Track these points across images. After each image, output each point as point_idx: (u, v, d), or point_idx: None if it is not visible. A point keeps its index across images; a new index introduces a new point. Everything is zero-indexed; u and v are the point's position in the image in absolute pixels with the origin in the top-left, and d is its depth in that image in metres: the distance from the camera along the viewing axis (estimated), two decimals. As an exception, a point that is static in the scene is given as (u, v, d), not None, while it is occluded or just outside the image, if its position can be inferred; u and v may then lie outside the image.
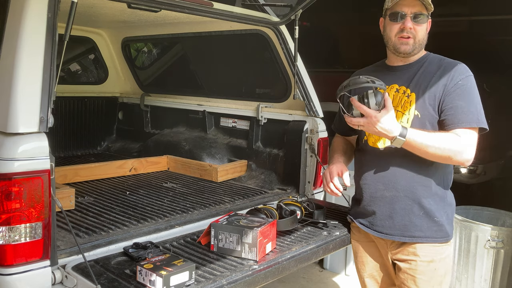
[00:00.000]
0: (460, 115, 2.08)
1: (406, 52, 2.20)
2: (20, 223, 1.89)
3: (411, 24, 2.14)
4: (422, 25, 2.16)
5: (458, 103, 2.09)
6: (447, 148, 2.06)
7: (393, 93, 2.24)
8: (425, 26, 2.18)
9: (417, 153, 2.09)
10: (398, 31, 2.17)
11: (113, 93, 5.15)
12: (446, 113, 2.11)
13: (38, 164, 1.91)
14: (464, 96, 2.10)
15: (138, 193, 3.34)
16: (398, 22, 2.16)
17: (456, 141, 2.06)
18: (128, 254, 2.16)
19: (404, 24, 2.15)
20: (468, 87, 2.12)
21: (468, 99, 2.10)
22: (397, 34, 2.18)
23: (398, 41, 2.18)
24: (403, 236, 2.24)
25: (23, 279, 1.91)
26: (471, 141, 2.09)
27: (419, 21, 2.15)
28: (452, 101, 2.10)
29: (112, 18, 3.86)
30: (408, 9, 2.14)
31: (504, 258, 3.53)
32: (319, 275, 4.37)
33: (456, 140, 2.07)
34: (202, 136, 4.24)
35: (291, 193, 3.38)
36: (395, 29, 2.18)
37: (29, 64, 1.92)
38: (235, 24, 3.47)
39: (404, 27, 2.15)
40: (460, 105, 2.09)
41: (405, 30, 2.15)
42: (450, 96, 2.10)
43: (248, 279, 2.02)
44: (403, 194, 2.21)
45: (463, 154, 2.08)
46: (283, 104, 3.66)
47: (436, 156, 2.09)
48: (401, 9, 2.15)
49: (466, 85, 2.11)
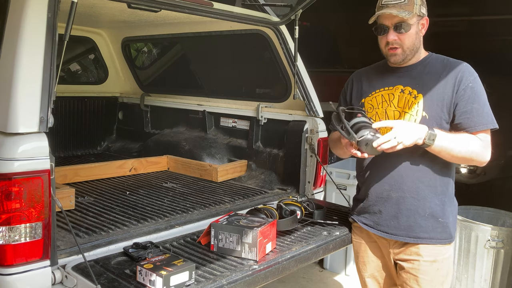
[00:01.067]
0: (476, 118, 2.11)
1: (396, 62, 2.22)
2: (20, 223, 1.89)
3: (394, 35, 2.15)
4: (407, 33, 2.14)
5: (473, 106, 2.11)
6: (471, 150, 2.10)
7: (398, 94, 2.24)
8: (412, 31, 2.15)
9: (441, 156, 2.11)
10: (385, 43, 2.19)
11: (113, 93, 5.15)
12: (461, 117, 2.13)
13: (38, 164, 1.91)
14: (477, 99, 2.12)
15: (138, 193, 3.34)
16: (383, 35, 2.18)
17: (478, 144, 2.11)
18: (128, 254, 2.16)
19: (387, 37, 2.16)
20: (478, 88, 2.14)
21: (481, 101, 2.13)
22: (386, 46, 2.20)
23: (388, 53, 2.21)
24: (408, 237, 2.25)
25: (23, 279, 1.91)
26: (489, 142, 2.15)
27: (402, 30, 2.14)
28: (466, 104, 2.12)
29: (112, 18, 3.86)
30: (388, 21, 2.14)
31: (504, 258, 3.53)
32: (319, 275, 4.37)
33: (478, 142, 2.11)
34: (202, 136, 4.24)
35: (291, 193, 3.39)
36: (383, 42, 2.20)
37: (29, 64, 1.92)
38: (235, 24, 3.47)
39: (388, 40, 2.16)
40: (475, 108, 2.11)
41: (389, 43, 2.16)
42: (463, 100, 2.12)
43: (248, 279, 2.02)
44: (409, 195, 2.22)
45: (484, 155, 2.14)
46: (283, 104, 3.66)
47: (459, 159, 2.14)
48: (382, 22, 2.17)
49: (476, 87, 2.13)
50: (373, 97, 2.31)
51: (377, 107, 2.28)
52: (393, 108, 2.24)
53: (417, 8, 2.14)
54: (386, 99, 2.26)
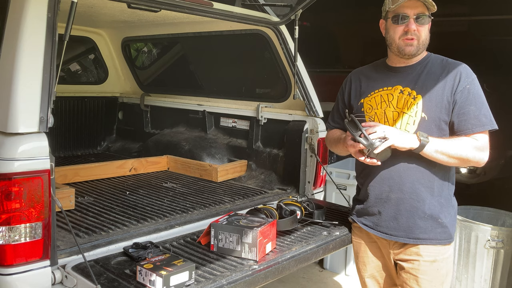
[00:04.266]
0: (473, 120, 2.11)
1: (411, 54, 2.20)
2: (20, 223, 1.89)
3: (415, 25, 2.14)
4: (425, 26, 2.17)
5: (470, 108, 2.12)
6: (466, 154, 2.11)
7: (397, 94, 2.24)
8: (428, 26, 2.18)
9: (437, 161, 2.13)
10: (402, 33, 2.17)
11: (113, 93, 5.15)
12: (459, 118, 2.14)
13: (38, 164, 1.91)
14: (474, 100, 2.13)
15: (138, 193, 3.34)
16: (401, 24, 2.16)
17: (473, 145, 2.11)
18: (128, 254, 2.16)
19: (408, 27, 2.14)
20: (475, 90, 2.14)
21: (478, 103, 2.13)
22: (401, 36, 2.17)
23: (403, 43, 2.18)
24: (408, 238, 2.25)
25: (23, 279, 1.91)
26: (487, 143, 2.15)
27: (422, 22, 2.15)
28: (463, 106, 2.13)
29: (112, 18, 3.86)
30: (410, 10, 2.14)
31: (504, 258, 3.52)
32: (319, 275, 4.37)
33: (473, 144, 2.11)
34: (202, 136, 4.24)
35: (291, 193, 3.39)
36: (399, 31, 2.18)
37: (29, 64, 1.92)
38: (235, 24, 3.47)
39: (408, 30, 2.14)
40: (471, 110, 2.12)
41: (409, 32, 2.15)
42: (460, 101, 2.13)
43: (248, 279, 2.02)
44: (408, 196, 2.22)
45: (481, 157, 2.14)
46: (283, 104, 3.66)
47: (455, 162, 2.14)
48: (403, 11, 2.15)
49: (473, 89, 2.14)
50: (372, 98, 2.31)
51: (376, 108, 2.28)
52: (392, 109, 2.23)
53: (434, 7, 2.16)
54: (385, 99, 2.26)
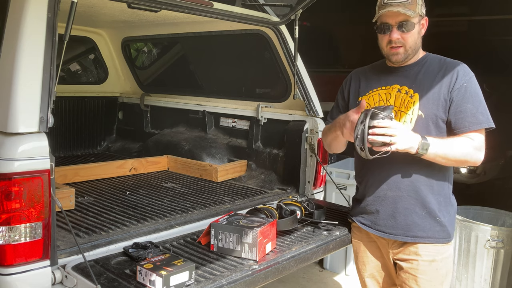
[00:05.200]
0: (470, 118, 2.11)
1: (398, 61, 2.22)
2: (20, 223, 1.89)
3: (397, 34, 2.14)
4: (410, 32, 2.15)
5: (466, 106, 2.12)
6: (464, 154, 2.11)
7: (395, 93, 2.24)
8: (415, 31, 2.16)
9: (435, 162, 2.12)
10: (387, 42, 2.18)
11: (113, 93, 5.15)
12: (456, 116, 2.13)
13: (38, 164, 1.91)
14: (471, 98, 2.13)
15: (138, 193, 3.34)
16: (386, 34, 2.18)
17: (471, 145, 2.11)
18: (128, 254, 2.16)
19: (391, 36, 2.15)
20: (473, 88, 2.14)
21: (475, 101, 2.13)
22: (387, 45, 2.19)
23: (390, 52, 2.20)
24: (406, 236, 2.25)
25: (23, 279, 1.91)
26: (483, 142, 2.15)
27: (407, 28, 2.14)
28: (460, 104, 2.13)
29: (112, 18, 3.87)
30: (392, 19, 2.14)
31: (504, 258, 3.53)
32: (319, 275, 4.37)
33: (471, 144, 2.11)
34: (202, 136, 4.24)
35: (291, 193, 3.39)
36: (385, 41, 2.19)
37: (29, 64, 1.92)
38: (235, 24, 3.47)
39: (391, 39, 2.16)
40: (468, 108, 2.12)
41: (393, 41, 2.16)
42: (457, 99, 2.13)
43: (248, 279, 2.02)
44: (406, 194, 2.22)
45: (478, 156, 2.14)
46: (283, 104, 3.66)
47: (453, 163, 2.15)
48: (385, 20, 2.16)
49: (470, 87, 2.14)
50: (370, 96, 2.31)
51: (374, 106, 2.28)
52: None
53: (419, 7, 2.15)
54: (383, 98, 2.27)
